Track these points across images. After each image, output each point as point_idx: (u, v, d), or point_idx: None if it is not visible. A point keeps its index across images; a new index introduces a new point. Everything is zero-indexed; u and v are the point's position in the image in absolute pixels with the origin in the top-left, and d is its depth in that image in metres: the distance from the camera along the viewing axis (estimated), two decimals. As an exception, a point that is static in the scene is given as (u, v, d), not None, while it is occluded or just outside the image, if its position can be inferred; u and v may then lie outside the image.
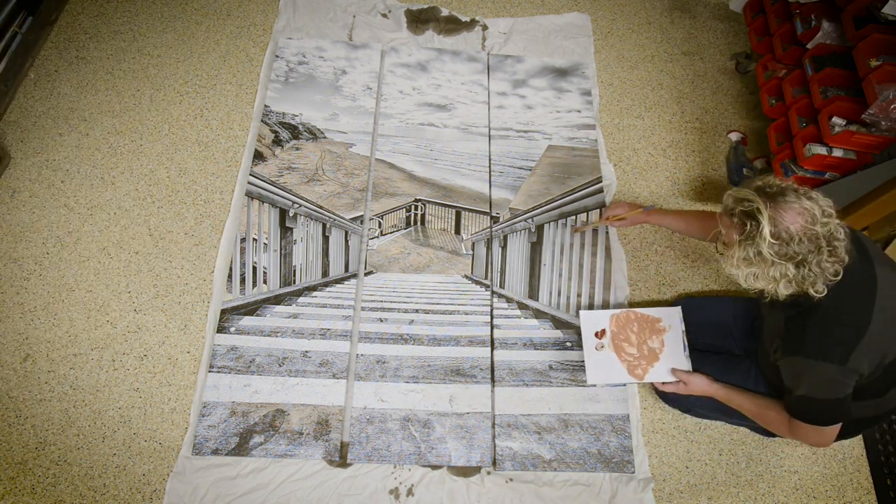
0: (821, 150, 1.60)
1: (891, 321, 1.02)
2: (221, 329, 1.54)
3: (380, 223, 1.79)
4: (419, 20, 2.20)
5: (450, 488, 1.40)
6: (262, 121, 1.90)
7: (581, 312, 1.51)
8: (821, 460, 1.53)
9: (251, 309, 1.59)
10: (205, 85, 1.99)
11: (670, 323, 1.46)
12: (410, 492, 1.39)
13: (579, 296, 1.68)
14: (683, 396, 1.39)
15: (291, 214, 1.75)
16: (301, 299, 1.63)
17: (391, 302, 1.65)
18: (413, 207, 1.83)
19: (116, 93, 1.94)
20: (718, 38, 2.31)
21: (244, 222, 1.72)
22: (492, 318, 1.64)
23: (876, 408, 1.15)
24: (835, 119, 1.57)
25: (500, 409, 1.49)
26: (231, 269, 1.64)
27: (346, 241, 1.75)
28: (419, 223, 1.82)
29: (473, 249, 1.78)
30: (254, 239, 1.69)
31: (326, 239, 1.74)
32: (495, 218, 1.81)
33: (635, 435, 1.49)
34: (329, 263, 1.71)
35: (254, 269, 1.65)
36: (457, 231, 1.81)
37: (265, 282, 1.64)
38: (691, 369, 1.39)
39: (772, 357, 1.17)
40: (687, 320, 1.46)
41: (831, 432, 1.11)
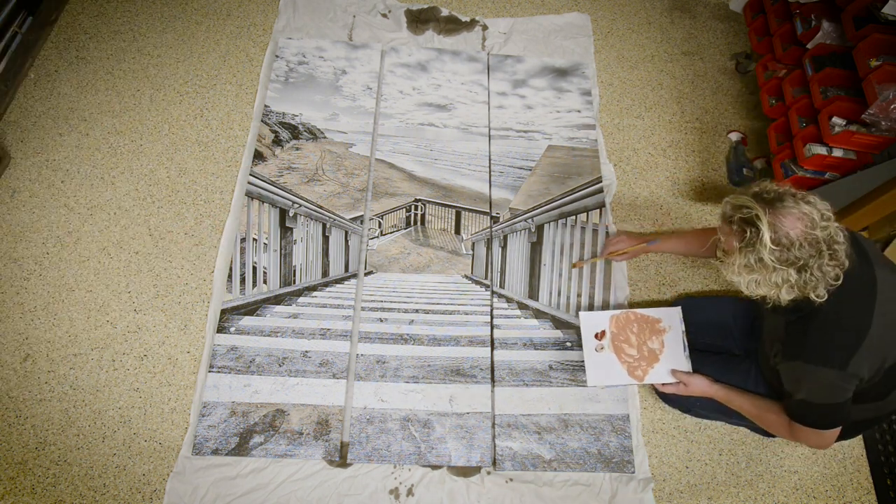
0: (821, 150, 1.60)
1: (891, 325, 1.02)
2: (221, 329, 1.54)
3: (380, 223, 1.79)
4: (419, 20, 2.20)
5: (450, 488, 1.40)
6: (262, 121, 1.90)
7: (580, 314, 1.51)
8: (821, 460, 1.53)
9: (251, 309, 1.59)
10: (205, 85, 1.99)
11: (670, 323, 1.46)
12: (410, 492, 1.39)
13: (579, 296, 1.68)
14: (683, 397, 1.39)
15: (291, 214, 1.75)
16: (301, 299, 1.63)
17: (391, 302, 1.65)
18: (413, 207, 1.83)
19: (116, 93, 1.94)
20: (718, 38, 2.31)
21: (244, 222, 1.72)
22: (492, 318, 1.64)
23: (876, 410, 1.15)
24: (835, 119, 1.57)
25: (500, 409, 1.49)
26: (231, 269, 1.64)
27: (346, 241, 1.75)
28: (419, 223, 1.82)
29: (473, 249, 1.78)
30: (254, 239, 1.69)
31: (326, 239, 1.74)
32: (495, 218, 1.81)
33: (635, 435, 1.49)
34: (329, 263, 1.71)
35: (254, 269, 1.65)
36: (457, 231, 1.81)
37: (265, 282, 1.64)
38: (691, 370, 1.39)
39: (772, 361, 1.17)
40: (687, 320, 1.46)
41: (831, 435, 1.11)
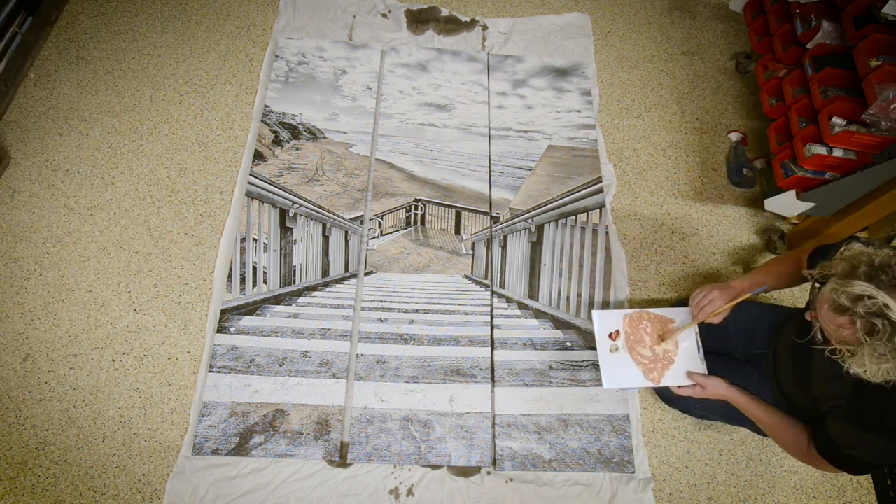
0: (821, 150, 1.60)
1: None
2: (221, 329, 1.54)
3: (380, 223, 1.79)
4: (419, 20, 2.19)
5: (450, 488, 1.40)
6: (262, 121, 1.90)
7: (594, 312, 1.44)
8: (821, 460, 1.53)
9: (251, 309, 1.59)
10: (205, 85, 1.99)
11: (684, 323, 1.42)
12: (410, 492, 1.39)
13: (579, 296, 1.68)
14: (684, 396, 1.38)
15: (291, 214, 1.75)
16: (301, 299, 1.63)
17: (391, 302, 1.65)
18: (413, 207, 1.83)
19: (116, 93, 1.94)
20: (718, 38, 2.31)
21: (244, 222, 1.72)
22: (492, 318, 1.64)
23: None
24: (835, 119, 1.57)
25: (500, 409, 1.49)
26: (231, 269, 1.64)
27: (346, 241, 1.75)
28: (419, 223, 1.82)
29: (473, 249, 1.78)
30: (254, 239, 1.69)
31: (326, 239, 1.74)
32: (495, 218, 1.81)
33: (635, 435, 1.49)
34: (329, 263, 1.71)
35: (254, 269, 1.65)
36: (457, 231, 1.81)
37: (265, 282, 1.64)
38: (707, 371, 1.34)
39: (823, 406, 1.12)
40: None
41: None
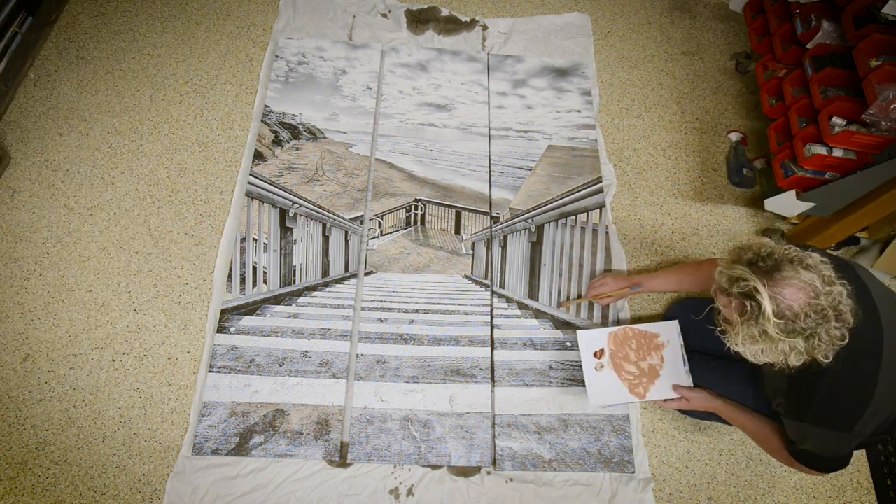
0: (821, 150, 1.60)
1: None
2: (221, 329, 1.54)
3: (380, 223, 1.79)
4: (419, 20, 2.19)
5: (450, 488, 1.40)
6: (262, 121, 1.90)
7: (578, 333, 1.46)
8: (821, 460, 1.53)
9: (251, 309, 1.59)
10: (205, 85, 1.99)
11: (668, 338, 1.44)
12: (410, 492, 1.39)
13: (579, 296, 1.68)
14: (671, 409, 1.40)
15: (291, 214, 1.75)
16: (301, 299, 1.63)
17: (391, 302, 1.65)
18: (413, 207, 1.83)
19: (116, 93, 1.94)
20: (718, 38, 2.31)
21: (244, 222, 1.72)
22: (492, 318, 1.64)
23: (884, 438, 1.15)
24: (835, 119, 1.57)
25: (500, 409, 1.49)
26: (231, 269, 1.64)
27: (346, 241, 1.75)
28: (419, 223, 1.82)
29: (473, 249, 1.78)
30: (254, 239, 1.69)
31: (326, 239, 1.74)
32: (495, 218, 1.81)
33: (635, 435, 1.49)
34: (329, 263, 1.71)
35: (254, 269, 1.65)
36: (457, 231, 1.81)
37: (265, 282, 1.64)
38: (692, 384, 1.38)
39: (774, 408, 1.16)
40: (686, 323, 1.46)
41: (832, 472, 1.13)
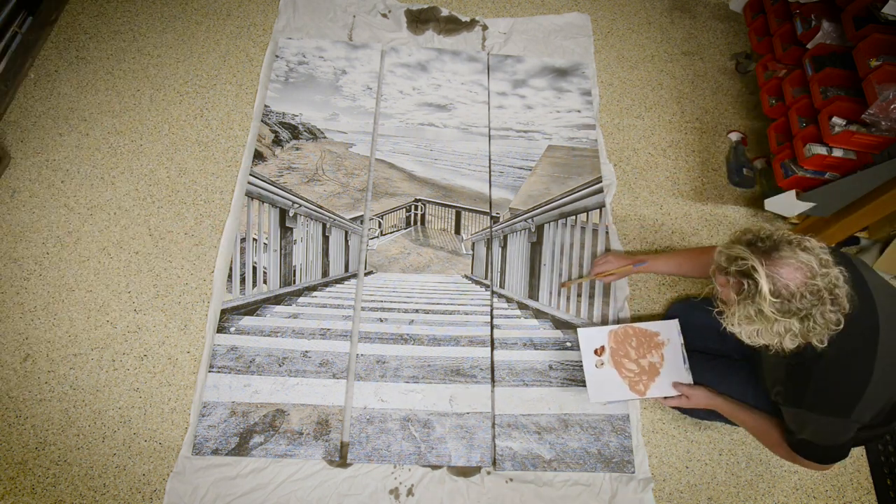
0: (821, 150, 1.60)
1: (894, 364, 0.99)
2: (221, 329, 1.54)
3: (380, 223, 1.79)
4: (419, 20, 2.19)
5: (450, 488, 1.40)
6: (262, 121, 1.90)
7: (579, 330, 1.49)
8: (821, 460, 1.53)
9: (251, 309, 1.59)
10: (205, 85, 1.99)
11: (668, 336, 1.45)
12: (410, 492, 1.39)
13: (579, 296, 1.68)
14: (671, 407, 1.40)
15: (291, 214, 1.75)
16: (301, 299, 1.63)
17: (391, 302, 1.65)
18: (413, 207, 1.83)
19: (116, 93, 1.94)
20: (718, 38, 2.31)
21: (244, 222, 1.72)
22: (492, 318, 1.64)
23: (882, 430, 1.15)
24: (835, 119, 1.57)
25: (500, 409, 1.49)
26: (231, 269, 1.64)
27: (346, 241, 1.75)
28: (419, 223, 1.82)
29: (473, 249, 1.78)
30: (254, 239, 1.69)
31: (326, 239, 1.74)
32: (495, 218, 1.81)
33: (635, 435, 1.49)
34: (329, 263, 1.71)
35: (254, 269, 1.65)
36: (457, 231, 1.81)
37: (265, 282, 1.64)
38: (692, 382, 1.38)
39: (772, 397, 1.16)
40: (686, 322, 1.46)
41: (832, 463, 1.12)
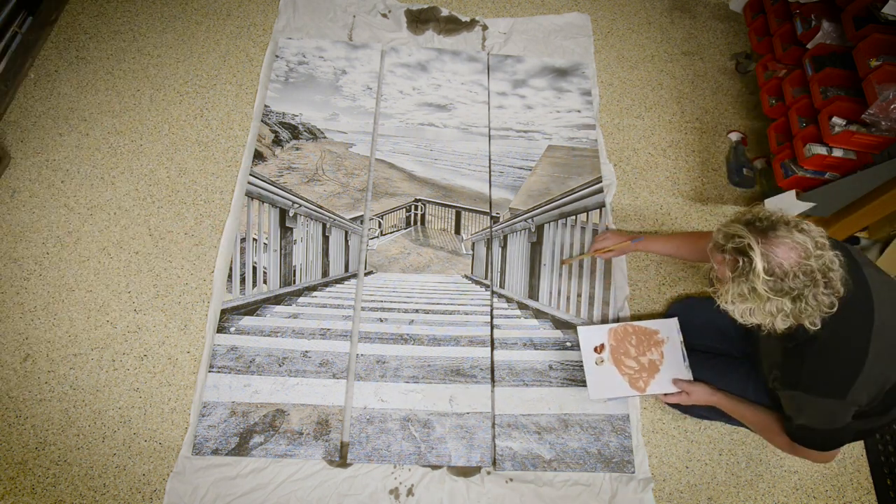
0: (821, 150, 1.60)
1: (888, 349, 1.01)
2: (221, 329, 1.54)
3: (380, 223, 1.79)
4: (419, 20, 2.19)
5: (450, 488, 1.40)
6: (262, 121, 1.90)
7: (579, 328, 1.51)
8: (821, 460, 1.53)
9: (251, 309, 1.59)
10: (205, 85, 1.99)
11: (668, 334, 1.46)
12: (410, 492, 1.39)
13: (579, 296, 1.68)
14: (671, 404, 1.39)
15: (291, 214, 1.75)
16: (301, 299, 1.63)
17: (391, 302, 1.65)
18: (413, 207, 1.83)
19: (116, 93, 1.94)
20: (718, 38, 2.31)
21: (244, 222, 1.72)
22: (492, 318, 1.64)
23: (878, 422, 1.15)
24: (835, 119, 1.57)
25: (500, 409, 1.49)
26: (231, 269, 1.64)
27: (346, 241, 1.75)
28: (419, 223, 1.82)
29: (473, 249, 1.78)
30: (254, 239, 1.69)
31: (326, 239, 1.74)
32: (495, 218, 1.81)
33: (635, 435, 1.49)
34: (329, 263, 1.71)
35: (254, 269, 1.65)
36: (457, 231, 1.81)
37: (265, 282, 1.64)
38: (692, 379, 1.39)
39: (770, 384, 1.17)
40: (686, 322, 1.46)
41: (833, 453, 1.12)
